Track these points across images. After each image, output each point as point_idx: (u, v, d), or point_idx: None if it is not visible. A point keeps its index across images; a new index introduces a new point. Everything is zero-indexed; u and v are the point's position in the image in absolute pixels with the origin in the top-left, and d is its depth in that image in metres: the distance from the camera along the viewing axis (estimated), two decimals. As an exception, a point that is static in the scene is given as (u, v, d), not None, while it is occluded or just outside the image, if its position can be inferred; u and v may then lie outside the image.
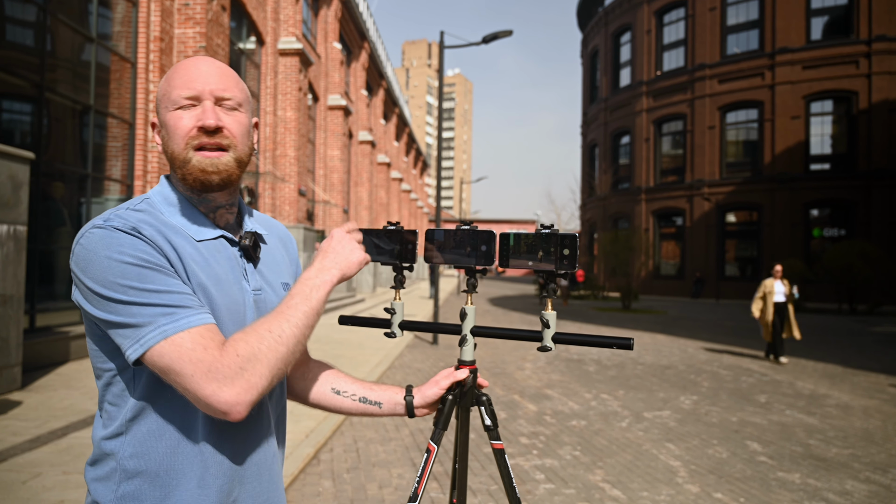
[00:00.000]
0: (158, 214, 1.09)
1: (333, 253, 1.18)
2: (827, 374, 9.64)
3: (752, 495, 4.30)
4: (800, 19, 30.87)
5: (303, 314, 1.06)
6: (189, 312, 0.98)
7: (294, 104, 17.03)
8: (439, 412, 1.37)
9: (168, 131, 1.10)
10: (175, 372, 0.95)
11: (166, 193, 1.15)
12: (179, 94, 1.09)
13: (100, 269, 0.97)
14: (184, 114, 1.09)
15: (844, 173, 29.85)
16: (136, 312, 0.96)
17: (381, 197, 33.09)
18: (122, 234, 0.99)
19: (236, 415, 0.95)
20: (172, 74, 1.12)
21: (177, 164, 1.11)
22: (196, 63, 1.13)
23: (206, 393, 0.94)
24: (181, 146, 1.09)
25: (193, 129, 1.09)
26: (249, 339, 0.99)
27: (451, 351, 11.13)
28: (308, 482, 4.37)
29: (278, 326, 1.02)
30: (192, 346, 0.95)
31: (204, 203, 1.16)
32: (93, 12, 9.55)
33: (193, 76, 1.11)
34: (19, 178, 6.17)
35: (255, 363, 0.97)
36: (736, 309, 25.85)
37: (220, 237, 1.15)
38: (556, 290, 1.33)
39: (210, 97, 1.10)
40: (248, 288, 1.16)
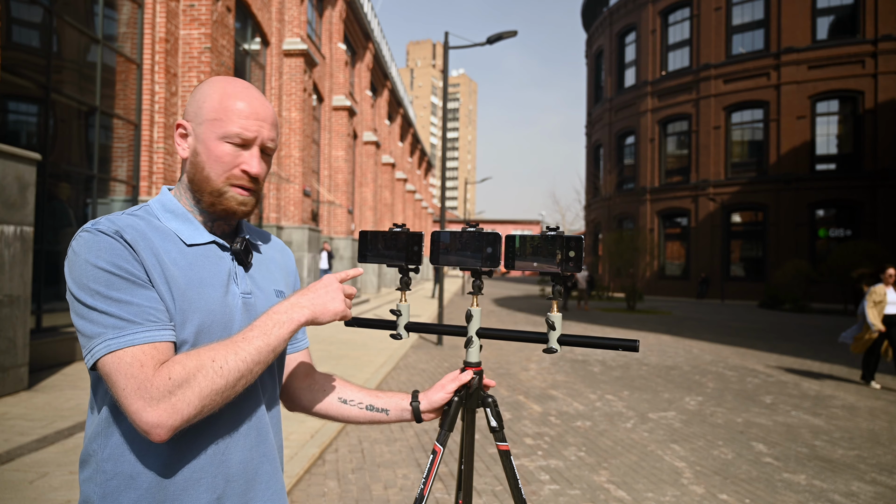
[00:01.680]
0: (153, 220, 1.12)
1: (313, 294, 1.15)
2: (833, 375, 9.60)
3: (757, 496, 4.29)
4: (805, 19, 30.78)
5: (255, 349, 1.04)
6: (139, 329, 0.99)
7: (299, 105, 17.06)
8: (445, 414, 1.37)
9: (209, 156, 1.12)
10: (112, 384, 0.97)
11: (165, 201, 1.17)
12: (236, 131, 1.11)
13: (79, 271, 1.01)
14: (230, 149, 1.12)
15: (850, 173, 29.75)
16: (94, 319, 0.98)
17: (385, 197, 33.11)
18: (105, 237, 1.01)
19: (156, 437, 0.95)
20: (228, 102, 1.12)
21: (208, 189, 1.13)
22: (252, 101, 1.14)
23: (131, 409, 0.95)
24: (221, 178, 1.13)
25: (237, 169, 1.13)
26: (188, 364, 0.98)
27: (455, 351, 11.13)
28: (313, 482, 4.37)
29: (223, 357, 1.01)
30: (131, 361, 0.96)
31: (203, 214, 1.18)
32: (98, 13, 9.59)
33: (251, 116, 1.13)
34: (26, 179, 6.20)
35: (186, 389, 0.97)
36: (741, 309, 25.78)
37: (211, 242, 1.16)
38: (561, 291, 1.34)
39: (259, 144, 1.15)
40: (237, 291, 1.16)
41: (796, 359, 11.30)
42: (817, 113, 30.83)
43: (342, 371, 8.41)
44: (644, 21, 37.68)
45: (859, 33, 29.57)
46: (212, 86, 1.15)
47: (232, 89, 1.14)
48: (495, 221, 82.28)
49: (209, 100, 1.13)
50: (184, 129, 1.16)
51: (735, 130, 33.59)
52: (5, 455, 4.28)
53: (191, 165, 1.15)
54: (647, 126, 37.11)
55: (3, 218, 5.88)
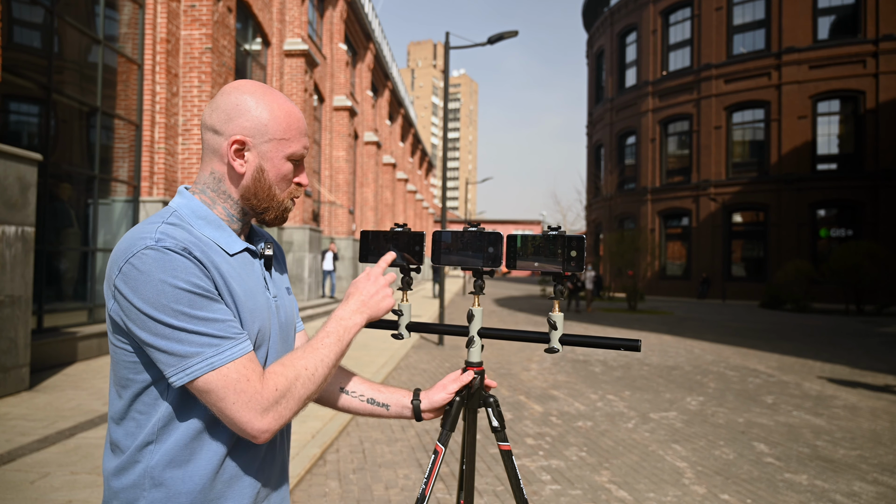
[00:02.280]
0: (190, 228, 1.11)
1: (366, 295, 1.25)
2: (834, 375, 9.59)
3: (759, 496, 4.29)
4: (806, 19, 30.76)
5: (335, 356, 1.15)
6: (233, 343, 1.03)
7: (299, 105, 17.07)
8: (446, 413, 1.37)
9: (277, 174, 1.17)
10: (218, 398, 1.01)
11: (195, 208, 1.16)
12: (300, 152, 1.19)
13: (153, 291, 1.00)
14: (292, 167, 1.19)
15: (851, 173, 29.73)
16: (184, 339, 1.00)
17: (386, 198, 33.12)
18: (176, 255, 1.01)
19: (262, 440, 1.04)
20: (294, 123, 1.17)
21: (273, 204, 1.19)
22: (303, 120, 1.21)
23: (242, 420, 1.01)
24: (285, 193, 1.20)
25: (293, 185, 1.22)
26: (287, 374, 1.07)
27: (456, 352, 11.13)
28: (314, 483, 4.38)
29: (313, 365, 1.11)
30: (238, 377, 1.01)
31: (239, 223, 1.21)
32: (100, 14, 9.59)
33: (306, 134, 1.21)
34: (27, 180, 6.20)
35: (289, 398, 1.06)
36: (742, 309, 25.77)
37: (244, 250, 1.18)
38: (563, 291, 1.33)
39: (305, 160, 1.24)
40: (270, 295, 1.21)
41: (797, 359, 11.30)
42: (818, 113, 30.81)
43: (343, 371, 8.40)
44: (645, 21, 37.67)
45: (860, 33, 29.54)
46: (266, 100, 1.16)
47: (288, 107, 1.18)
48: (496, 221, 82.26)
49: (273, 119, 1.15)
50: (241, 145, 1.14)
51: (736, 130, 33.57)
52: (6, 455, 4.28)
53: (253, 181, 1.16)
54: (648, 126, 37.10)
55: (5, 218, 5.89)
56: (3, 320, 5.84)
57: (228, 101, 1.15)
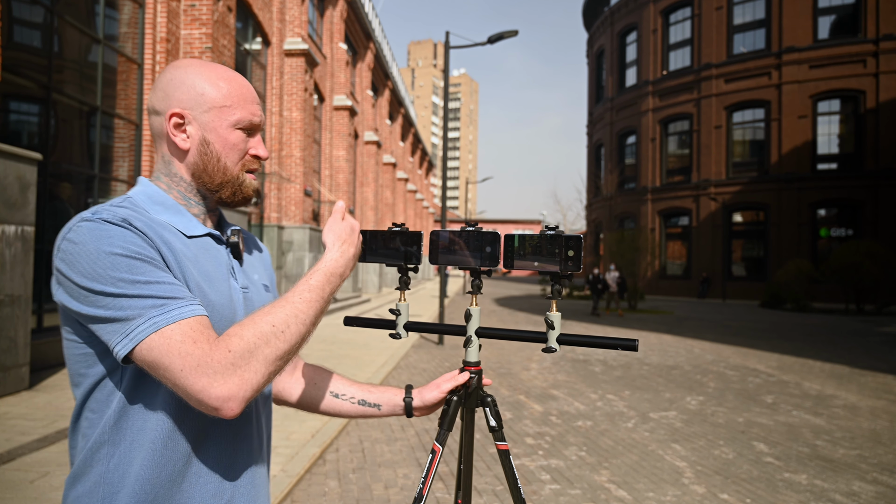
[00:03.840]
0: (144, 212, 1.05)
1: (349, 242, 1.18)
2: (834, 375, 9.59)
3: (758, 496, 4.29)
4: (807, 18, 30.75)
5: (314, 310, 1.04)
6: (181, 303, 0.93)
7: (300, 105, 17.07)
8: (444, 413, 1.37)
9: (224, 145, 1.10)
10: (164, 367, 0.90)
11: (151, 193, 1.10)
12: (248, 118, 1.12)
13: (88, 261, 0.93)
14: (243, 136, 1.12)
15: (852, 173, 29.73)
16: (125, 305, 0.91)
17: (386, 197, 33.11)
18: (113, 226, 0.95)
19: (228, 411, 0.91)
20: (235, 89, 1.11)
21: (226, 179, 1.12)
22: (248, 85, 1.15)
23: (196, 388, 0.89)
24: (237, 166, 1.13)
25: (248, 155, 1.14)
26: (245, 334, 0.94)
27: (456, 351, 11.13)
28: (314, 482, 4.38)
29: (282, 320, 0.98)
30: (182, 338, 0.90)
31: (199, 206, 1.14)
32: (100, 13, 9.59)
33: (255, 101, 1.14)
34: (27, 179, 6.20)
35: (250, 359, 0.92)
36: (742, 309, 25.76)
37: (207, 235, 1.12)
38: (560, 290, 1.33)
39: (261, 128, 1.16)
40: (237, 285, 1.13)
41: (798, 358, 11.29)
42: (819, 112, 30.80)
43: (343, 371, 8.41)
44: (645, 20, 37.66)
45: (861, 33, 29.53)
46: (200, 71, 1.10)
47: (228, 74, 1.12)
48: (496, 221, 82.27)
49: (209, 86, 1.09)
50: (180, 119, 1.08)
51: (736, 130, 33.56)
52: (6, 455, 4.28)
53: (199, 156, 1.10)
54: (648, 125, 37.09)
55: (5, 218, 5.89)
56: (3, 319, 5.84)
57: (164, 78, 1.11)
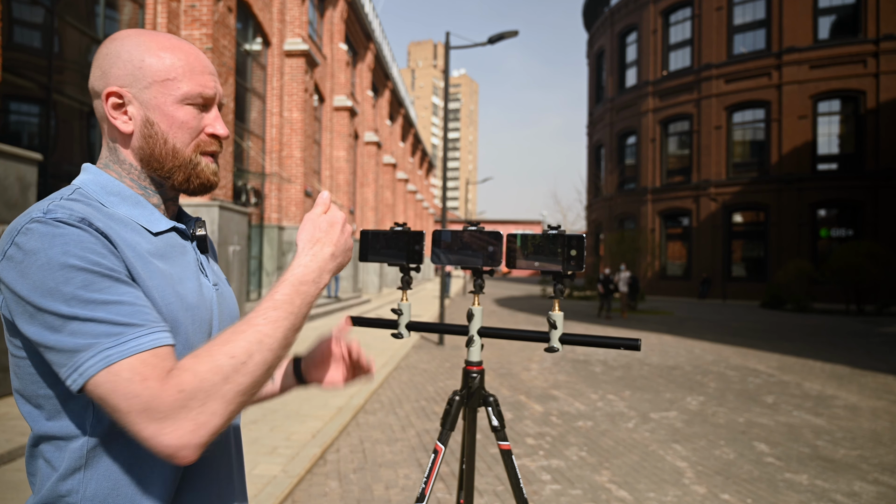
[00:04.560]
0: (99, 206, 0.91)
1: (333, 245, 0.99)
2: (835, 375, 9.59)
3: (759, 496, 4.28)
4: (807, 18, 30.75)
5: (283, 332, 0.87)
6: (139, 332, 0.80)
7: (300, 105, 17.08)
8: (446, 413, 1.37)
9: (171, 124, 0.95)
10: (111, 407, 0.78)
11: (105, 183, 0.96)
12: (197, 90, 0.96)
13: (39, 274, 0.79)
14: (194, 112, 0.97)
15: (852, 173, 29.72)
16: (76, 330, 0.78)
17: (386, 198, 33.12)
18: (69, 227, 0.81)
19: (183, 459, 0.79)
20: (179, 60, 0.96)
21: (178, 162, 0.97)
22: (201, 55, 0.99)
23: (144, 435, 0.77)
24: (190, 147, 0.97)
25: (204, 134, 0.99)
26: (199, 370, 0.80)
27: (456, 351, 11.13)
28: (314, 482, 4.38)
29: (244, 350, 0.83)
30: (131, 376, 0.77)
31: (157, 195, 1.00)
32: (100, 14, 9.60)
33: (206, 73, 0.98)
34: (27, 180, 6.20)
35: (206, 399, 0.79)
36: (742, 309, 25.76)
37: (171, 229, 0.99)
38: (562, 290, 1.33)
39: (217, 102, 1.01)
40: (209, 283, 1.02)
41: (798, 359, 11.29)
42: (819, 113, 30.80)
43: (343, 371, 8.40)
44: (645, 21, 37.66)
45: (861, 33, 29.53)
46: (139, 42, 0.95)
47: (173, 42, 0.97)
48: (496, 221, 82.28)
49: (149, 58, 0.94)
50: (118, 98, 0.94)
51: (736, 130, 33.56)
52: (7, 455, 4.28)
53: (144, 139, 0.95)
54: (648, 126, 37.09)
55: (4, 218, 5.89)
56: (3, 320, 5.84)
57: (100, 53, 0.96)
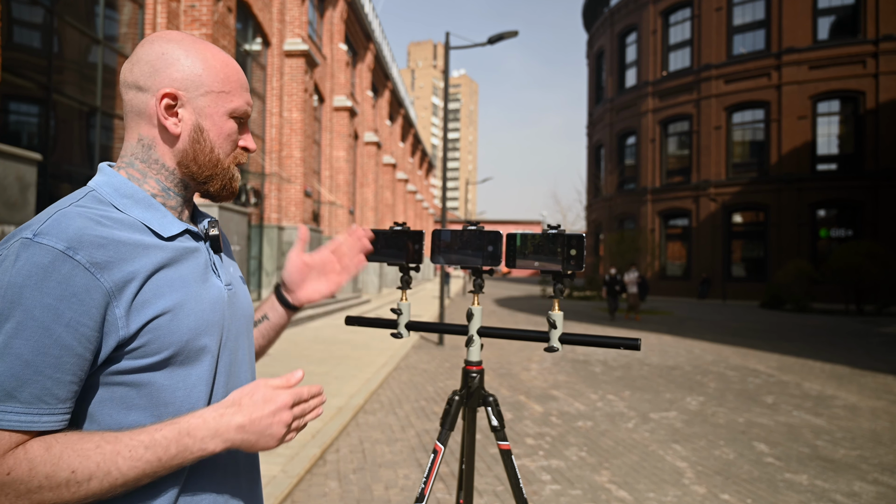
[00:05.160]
0: (109, 210, 0.91)
1: (249, 417, 0.88)
2: (834, 375, 9.59)
3: (759, 496, 4.28)
4: (806, 19, 30.76)
5: (135, 475, 0.82)
6: (12, 408, 0.77)
7: (300, 105, 17.07)
8: (446, 413, 1.37)
9: (219, 134, 0.99)
10: None
11: (118, 185, 0.95)
12: (244, 108, 1.02)
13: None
14: (235, 126, 1.01)
15: (851, 173, 29.73)
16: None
17: (386, 198, 33.11)
18: (45, 252, 0.80)
19: None
20: (231, 74, 1.00)
21: (218, 171, 1.00)
22: (242, 72, 1.04)
23: None
24: (229, 157, 1.01)
25: (238, 148, 1.04)
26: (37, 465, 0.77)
27: (456, 351, 11.12)
28: (314, 483, 4.37)
29: (89, 472, 0.79)
30: None
31: (177, 198, 1.01)
32: (99, 14, 9.60)
33: (247, 88, 1.03)
34: (27, 180, 6.20)
35: (18, 497, 0.77)
36: (742, 310, 25.76)
37: (185, 231, 0.99)
38: (562, 290, 1.33)
39: (249, 119, 1.06)
40: (220, 284, 1.01)
41: (798, 359, 11.29)
42: (818, 113, 30.81)
43: (343, 371, 8.41)
44: (645, 21, 37.67)
45: (860, 33, 29.54)
46: (197, 49, 0.98)
47: (224, 57, 1.00)
48: (496, 221, 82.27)
49: (210, 67, 0.97)
50: (173, 100, 0.95)
51: (736, 130, 33.57)
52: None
53: (191, 144, 0.97)
54: (648, 126, 37.09)
55: (4, 218, 5.89)
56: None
57: (153, 50, 0.96)
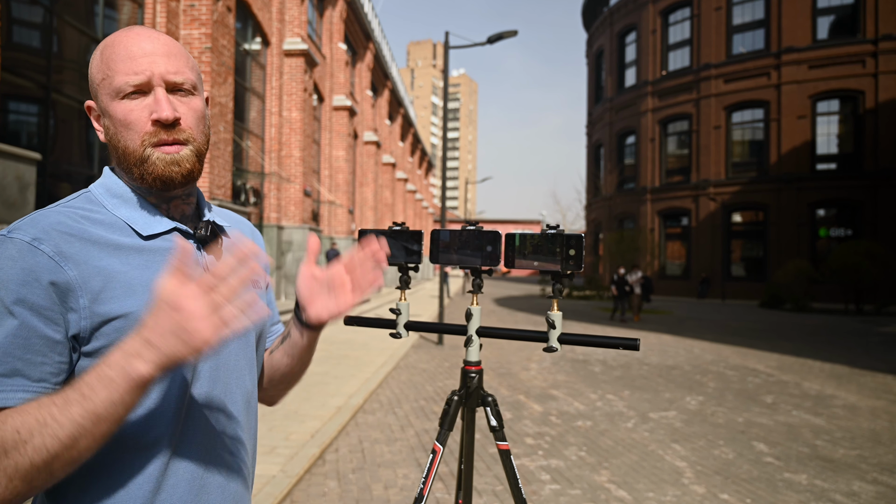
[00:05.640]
0: (95, 210, 0.95)
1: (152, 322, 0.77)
2: (834, 375, 9.59)
3: (758, 496, 4.28)
4: (806, 19, 30.76)
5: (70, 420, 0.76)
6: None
7: (299, 105, 17.07)
8: (445, 413, 1.37)
9: (116, 124, 0.95)
10: None
11: (110, 184, 1.00)
12: (125, 80, 0.93)
13: None
14: (133, 104, 0.94)
15: (851, 173, 29.73)
16: None
17: (386, 197, 33.11)
18: (14, 245, 0.85)
19: None
20: (111, 54, 0.94)
21: (132, 161, 0.95)
22: (137, 39, 0.95)
23: None
24: (136, 143, 0.94)
25: (148, 124, 0.94)
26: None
27: (456, 351, 11.12)
28: (313, 482, 4.37)
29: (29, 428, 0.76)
30: None
31: (156, 194, 1.00)
32: (99, 13, 9.59)
33: (137, 57, 0.93)
34: (26, 179, 6.20)
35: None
36: (742, 309, 25.76)
37: (172, 230, 0.99)
38: (561, 290, 1.33)
39: (161, 83, 0.94)
40: None
41: (797, 358, 11.29)
42: (818, 112, 30.80)
43: (343, 371, 8.41)
44: (644, 21, 37.66)
45: (860, 33, 29.54)
46: (96, 49, 0.98)
47: (111, 39, 0.96)
48: (496, 221, 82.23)
49: (94, 63, 0.97)
50: (94, 111, 1.00)
51: (735, 130, 33.56)
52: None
53: (109, 145, 0.98)
54: (647, 126, 37.09)
55: (3, 218, 5.88)
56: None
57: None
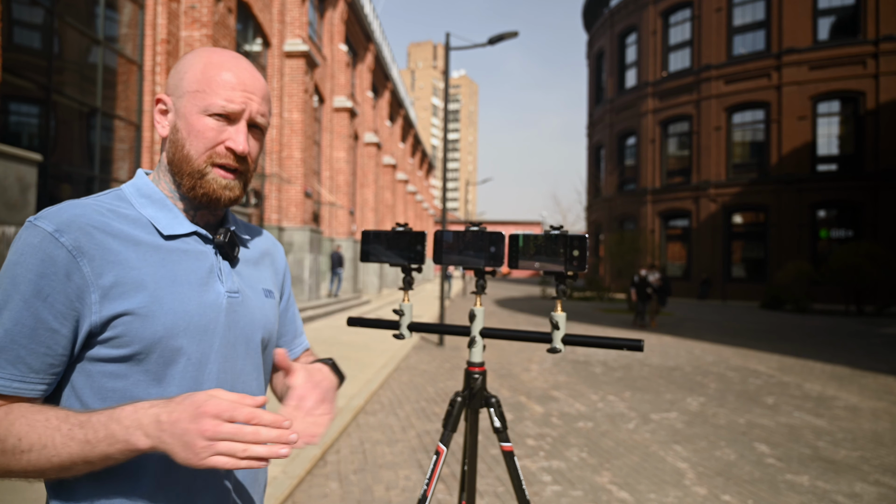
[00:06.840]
0: (123, 206, 1.00)
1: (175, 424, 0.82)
2: (835, 376, 9.58)
3: (760, 497, 4.28)
4: (806, 19, 30.76)
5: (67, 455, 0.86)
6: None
7: (300, 106, 17.07)
8: (448, 414, 1.36)
9: (190, 131, 1.00)
10: None
11: (141, 185, 1.05)
12: (220, 104, 0.99)
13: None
14: (215, 124, 1.00)
15: (852, 174, 29.72)
16: None
17: (386, 198, 33.10)
18: (37, 233, 0.90)
19: None
20: (214, 74, 1.00)
21: (187, 169, 1.01)
22: (241, 72, 1.02)
23: None
24: (203, 156, 1.00)
25: (222, 146, 1.01)
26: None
27: (456, 352, 11.11)
28: (315, 483, 4.37)
29: (31, 443, 0.87)
30: None
31: (181, 201, 1.05)
32: (100, 15, 9.60)
33: (237, 87, 1.01)
34: (27, 180, 6.20)
35: None
36: (742, 310, 25.75)
37: (192, 233, 1.03)
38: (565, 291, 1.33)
39: (247, 119, 1.02)
40: (222, 290, 1.03)
41: (798, 359, 11.28)
42: (818, 114, 30.80)
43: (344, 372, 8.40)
44: (645, 22, 37.67)
45: (860, 34, 29.54)
46: (196, 56, 1.03)
47: (217, 59, 1.02)
48: (496, 222, 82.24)
49: (191, 70, 1.01)
50: (164, 105, 1.04)
51: (736, 131, 33.55)
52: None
53: (170, 144, 1.02)
54: (648, 127, 37.09)
55: (4, 219, 5.88)
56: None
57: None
